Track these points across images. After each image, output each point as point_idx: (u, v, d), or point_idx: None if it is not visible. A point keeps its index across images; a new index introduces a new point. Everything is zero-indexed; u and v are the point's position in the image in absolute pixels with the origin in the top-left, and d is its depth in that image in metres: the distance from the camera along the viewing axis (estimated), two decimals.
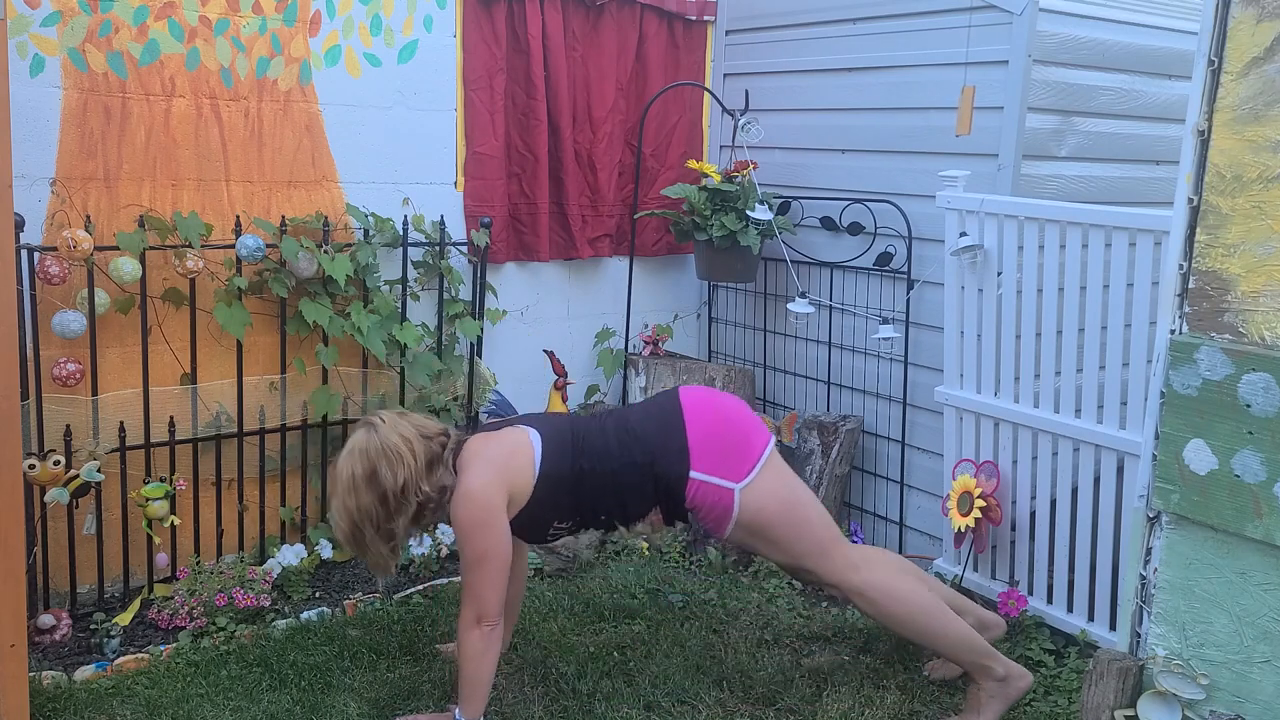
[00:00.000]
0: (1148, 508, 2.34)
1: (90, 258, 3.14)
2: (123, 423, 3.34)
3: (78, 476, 3.13)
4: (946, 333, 3.50)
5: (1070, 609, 3.27)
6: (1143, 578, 2.37)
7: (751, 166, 4.13)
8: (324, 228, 3.59)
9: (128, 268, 3.19)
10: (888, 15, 3.88)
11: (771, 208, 4.04)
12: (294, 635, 3.22)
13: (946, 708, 2.94)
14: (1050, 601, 3.31)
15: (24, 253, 3.03)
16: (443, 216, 3.91)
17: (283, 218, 3.54)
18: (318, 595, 3.54)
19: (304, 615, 3.35)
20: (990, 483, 3.32)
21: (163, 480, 3.36)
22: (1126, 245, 2.99)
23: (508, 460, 2.70)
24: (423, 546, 3.67)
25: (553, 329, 4.42)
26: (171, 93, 3.39)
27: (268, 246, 3.42)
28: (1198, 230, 2.23)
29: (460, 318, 3.93)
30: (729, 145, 4.38)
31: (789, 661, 3.17)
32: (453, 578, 3.64)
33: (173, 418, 3.44)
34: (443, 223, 3.90)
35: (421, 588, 3.58)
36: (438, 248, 3.89)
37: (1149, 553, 2.35)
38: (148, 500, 3.28)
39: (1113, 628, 3.11)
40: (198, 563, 3.52)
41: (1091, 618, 3.22)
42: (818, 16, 4.15)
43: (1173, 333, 2.27)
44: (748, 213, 4.00)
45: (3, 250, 2.30)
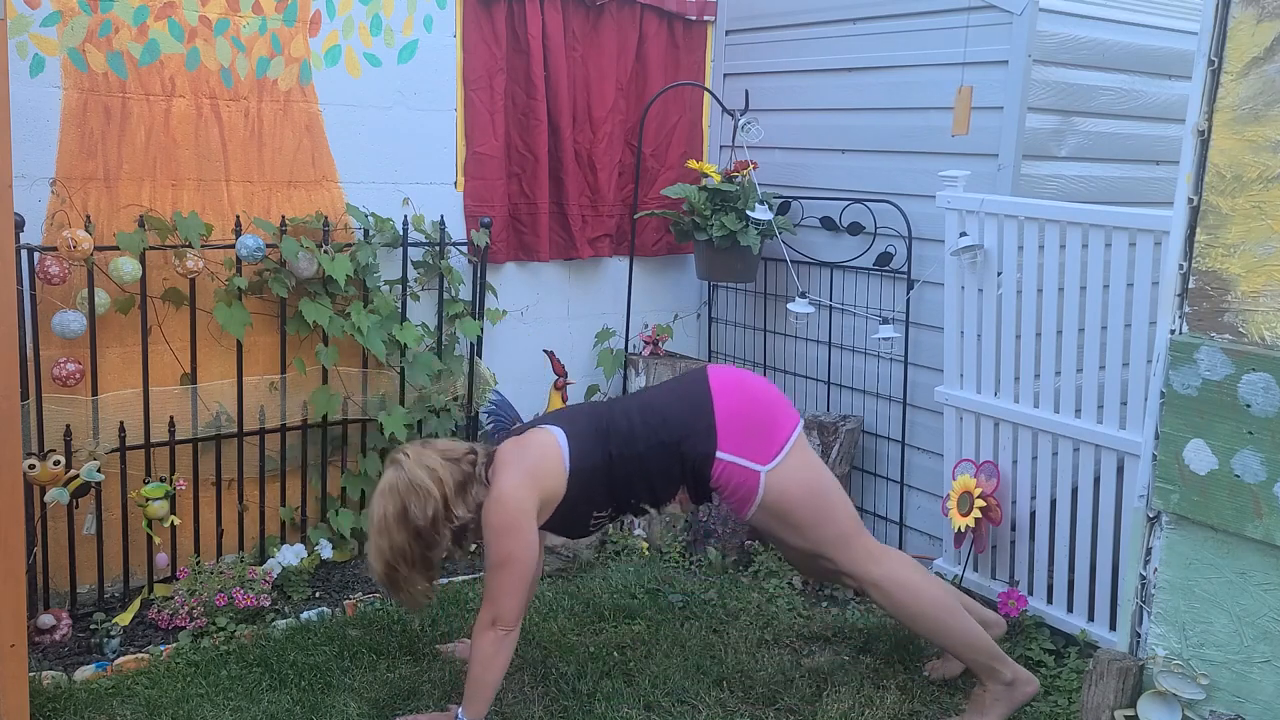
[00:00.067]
0: (1148, 508, 2.34)
1: (90, 258, 3.14)
2: (123, 423, 3.34)
3: (78, 476, 3.13)
4: (946, 333, 3.50)
5: (1070, 609, 3.27)
6: (1143, 578, 2.37)
7: (751, 166, 4.13)
8: (324, 228, 3.59)
9: (128, 268, 3.20)
10: (888, 15, 3.88)
11: (771, 208, 4.04)
12: (294, 635, 3.22)
13: (947, 708, 2.94)
14: (1050, 601, 3.31)
15: (24, 253, 3.03)
16: (443, 216, 3.92)
17: (283, 218, 3.54)
18: (318, 595, 3.54)
19: (304, 615, 3.35)
20: (990, 483, 3.32)
21: (163, 480, 3.36)
22: (1126, 245, 2.99)
23: (538, 464, 2.69)
24: None
25: (553, 329, 4.42)
26: (171, 93, 3.39)
27: (268, 246, 3.43)
28: (1198, 230, 2.23)
29: (460, 318, 3.93)
30: (729, 145, 4.38)
31: (789, 661, 3.17)
32: (453, 578, 3.64)
33: (173, 418, 3.44)
34: (443, 223, 3.90)
35: None
36: (438, 248, 3.89)
37: (1149, 553, 2.35)
38: (148, 500, 3.28)
39: (1113, 628, 3.11)
40: (198, 563, 3.52)
41: (1091, 618, 3.22)
42: (818, 16, 4.15)
43: (1173, 333, 2.27)
44: (748, 213, 4.00)
45: (3, 250, 2.30)
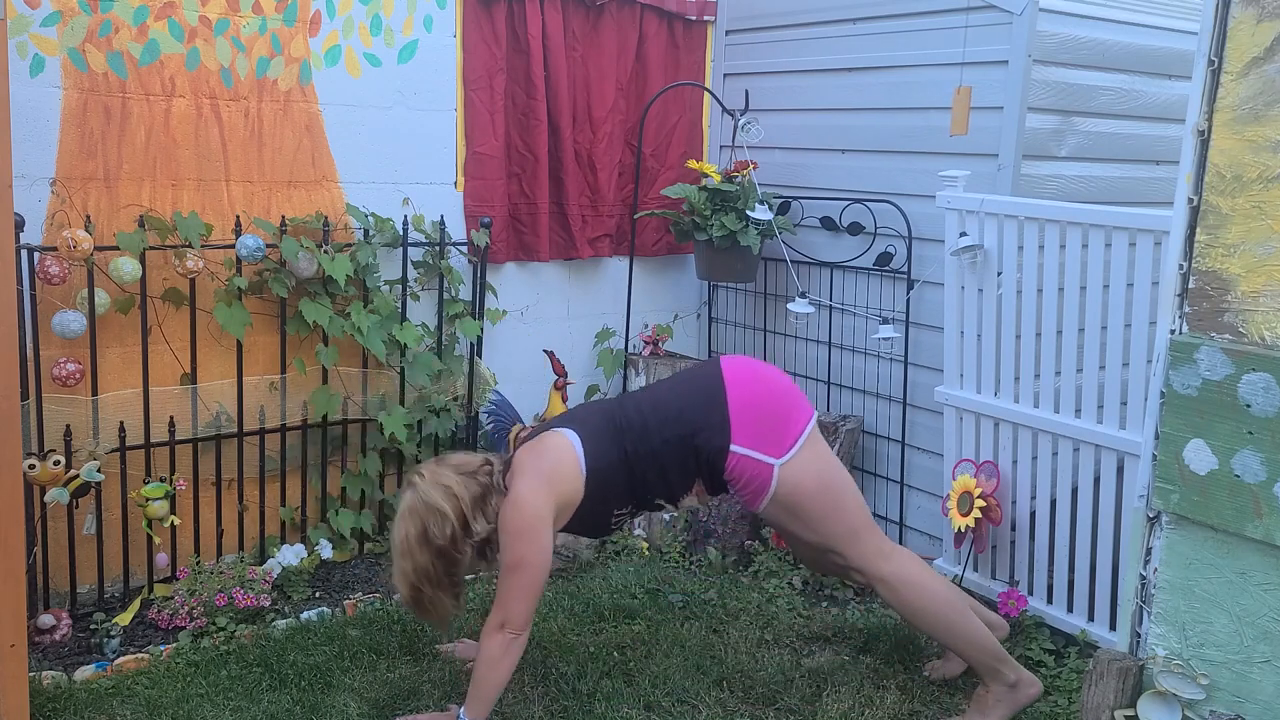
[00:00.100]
0: (1148, 508, 2.34)
1: (90, 258, 3.14)
2: (123, 423, 3.34)
3: (78, 476, 3.13)
4: (946, 333, 3.50)
5: (1070, 609, 3.27)
6: (1143, 578, 2.37)
7: (751, 166, 4.13)
8: (324, 228, 3.59)
9: (128, 268, 3.19)
10: (888, 15, 3.88)
11: (771, 208, 4.04)
12: (294, 635, 3.22)
13: (947, 708, 2.94)
14: (1050, 601, 3.31)
15: (24, 253, 3.03)
16: (443, 216, 3.92)
17: (283, 218, 3.54)
18: (318, 595, 3.54)
19: (304, 615, 3.35)
20: (990, 483, 3.32)
21: (163, 480, 3.36)
22: (1126, 245, 2.99)
23: (554, 468, 2.68)
24: None
25: (553, 329, 4.42)
26: (171, 93, 3.39)
27: (268, 246, 3.42)
28: (1198, 230, 2.23)
29: (460, 318, 3.93)
30: (729, 145, 4.38)
31: (789, 661, 3.17)
32: None
33: (173, 418, 3.44)
34: (443, 223, 3.90)
35: None
36: (438, 248, 3.89)
37: (1149, 553, 2.35)
38: (148, 500, 3.28)
39: (1113, 628, 3.11)
40: (198, 563, 3.52)
41: (1091, 618, 3.22)
42: (818, 16, 4.15)
43: (1173, 333, 2.27)
44: (748, 213, 4.00)
45: (3, 250, 2.30)
